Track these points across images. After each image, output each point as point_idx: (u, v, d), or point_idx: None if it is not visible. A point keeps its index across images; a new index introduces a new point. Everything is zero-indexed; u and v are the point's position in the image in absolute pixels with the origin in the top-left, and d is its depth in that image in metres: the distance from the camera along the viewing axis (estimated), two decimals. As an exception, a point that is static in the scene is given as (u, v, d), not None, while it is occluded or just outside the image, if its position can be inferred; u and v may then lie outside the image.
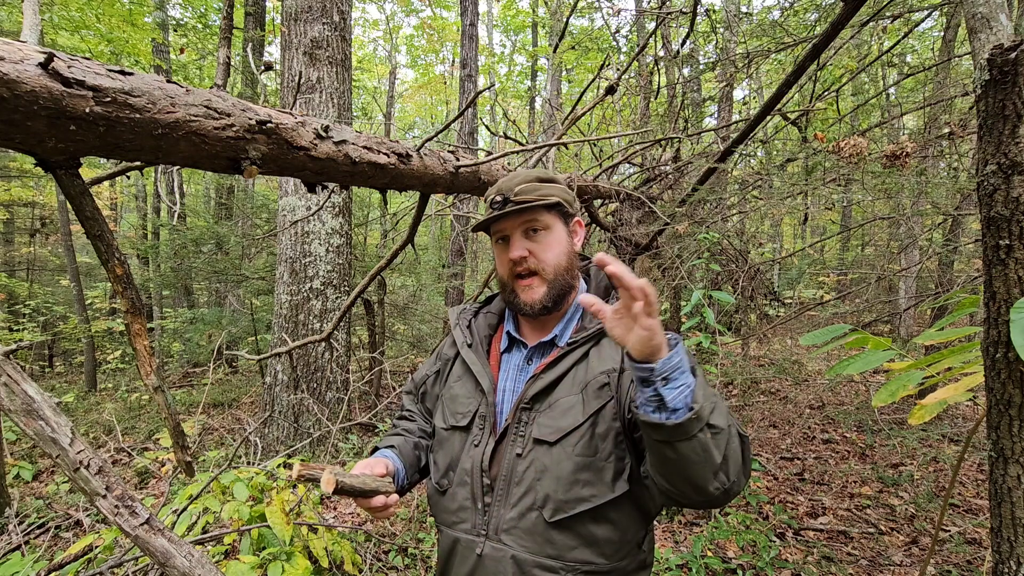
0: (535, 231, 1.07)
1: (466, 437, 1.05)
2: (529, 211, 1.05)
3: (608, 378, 0.97)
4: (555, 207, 1.07)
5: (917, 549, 2.88)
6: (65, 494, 3.89)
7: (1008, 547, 0.96)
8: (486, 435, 1.03)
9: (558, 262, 1.06)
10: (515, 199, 1.04)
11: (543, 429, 0.97)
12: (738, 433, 0.85)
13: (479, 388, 1.07)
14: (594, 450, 0.95)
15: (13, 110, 0.80)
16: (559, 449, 0.96)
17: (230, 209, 8.62)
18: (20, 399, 0.89)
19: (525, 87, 15.84)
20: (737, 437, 0.84)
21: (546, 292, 1.05)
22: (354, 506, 3.44)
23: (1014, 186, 0.92)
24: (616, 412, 0.96)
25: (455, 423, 1.07)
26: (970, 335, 1.32)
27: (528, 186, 1.06)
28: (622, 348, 0.95)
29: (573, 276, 1.10)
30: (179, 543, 1.00)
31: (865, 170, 2.70)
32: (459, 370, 1.13)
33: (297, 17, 4.31)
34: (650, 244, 3.50)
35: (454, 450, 1.06)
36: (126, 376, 8.75)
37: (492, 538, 0.98)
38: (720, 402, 0.83)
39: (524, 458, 0.98)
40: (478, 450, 1.02)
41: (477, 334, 1.16)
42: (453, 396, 1.11)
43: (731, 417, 0.84)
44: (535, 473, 0.96)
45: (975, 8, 1.43)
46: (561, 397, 0.99)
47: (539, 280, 1.06)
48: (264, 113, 1.15)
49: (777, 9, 4.42)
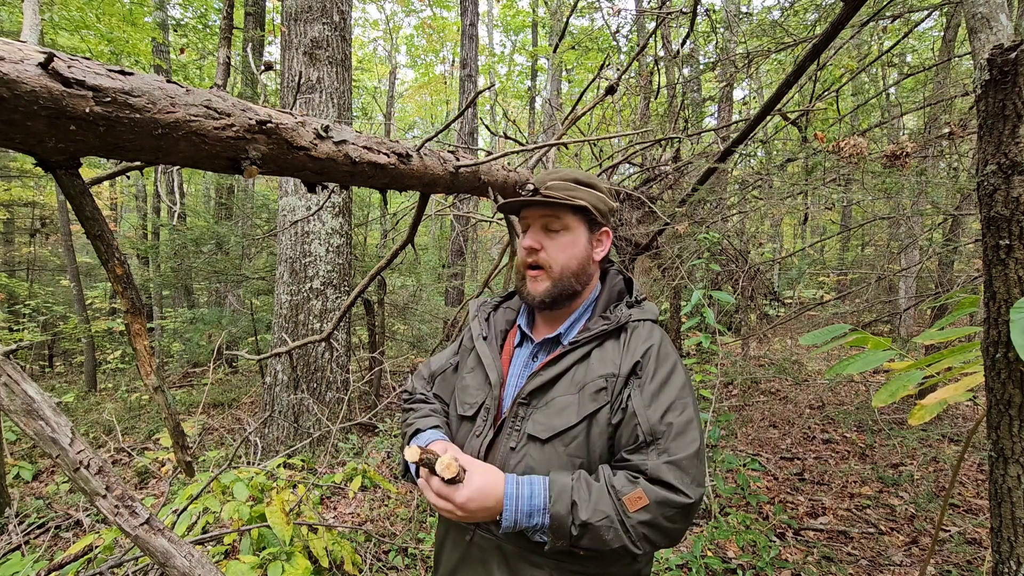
0: (554, 229, 1.08)
1: (471, 427, 1.07)
2: (553, 207, 1.07)
3: (606, 382, 0.98)
4: (581, 210, 1.08)
5: (917, 549, 2.87)
6: (65, 494, 3.89)
7: (1008, 547, 0.96)
8: (487, 427, 1.05)
9: (567, 264, 1.07)
10: (544, 192, 1.07)
11: (537, 426, 0.99)
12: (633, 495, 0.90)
13: (487, 381, 1.09)
14: (587, 452, 0.97)
15: (13, 110, 0.80)
16: (550, 448, 0.97)
17: (230, 209, 8.61)
18: (20, 399, 0.89)
19: (525, 87, 15.84)
20: (626, 506, 0.90)
21: (548, 288, 1.07)
22: (354, 506, 3.43)
23: (1014, 186, 0.92)
24: (610, 418, 0.97)
25: (462, 413, 1.10)
26: (970, 335, 1.32)
27: (561, 183, 1.08)
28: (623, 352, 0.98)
29: (582, 281, 1.10)
30: (179, 543, 1.00)
31: (865, 170, 2.70)
32: (472, 362, 1.15)
33: (297, 17, 4.31)
34: (650, 244, 3.50)
35: (460, 439, 1.09)
36: (126, 376, 8.75)
37: (481, 526, 1.01)
38: (585, 496, 0.90)
39: (517, 452, 1.00)
40: (478, 440, 1.04)
41: (494, 327, 1.18)
42: (464, 387, 1.13)
43: (608, 496, 0.90)
44: (525, 469, 0.98)
45: (975, 8, 1.43)
46: (558, 396, 1.00)
47: (544, 275, 1.07)
48: (264, 113, 1.15)
49: (777, 9, 4.42)
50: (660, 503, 0.89)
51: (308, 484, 2.68)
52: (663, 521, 0.89)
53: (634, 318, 1.05)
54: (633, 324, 1.05)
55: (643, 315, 1.07)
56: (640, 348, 1.00)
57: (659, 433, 0.93)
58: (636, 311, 1.07)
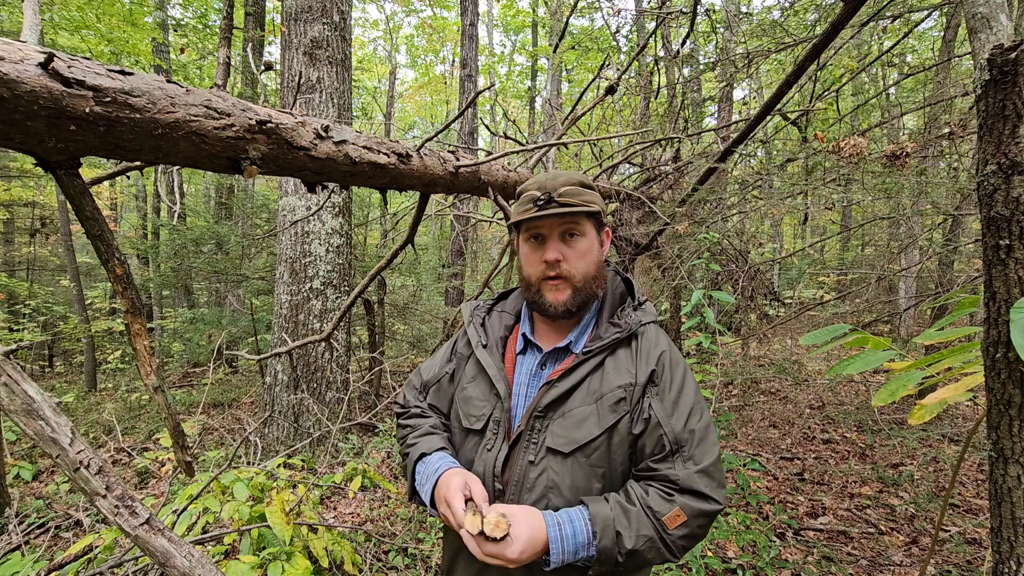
0: (572, 236, 1.05)
1: (480, 440, 1.04)
2: (571, 215, 1.04)
3: (625, 392, 0.98)
4: (593, 215, 1.07)
5: (917, 549, 2.87)
6: (65, 494, 3.89)
7: (1008, 547, 0.96)
8: (500, 440, 1.02)
9: (588, 270, 1.06)
10: (559, 200, 1.02)
11: (557, 439, 0.97)
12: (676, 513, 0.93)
13: (494, 392, 1.05)
14: (609, 461, 0.98)
15: (13, 110, 0.80)
16: (572, 460, 0.97)
17: (230, 209, 8.61)
18: (20, 399, 0.89)
19: (525, 87, 15.84)
20: (667, 523, 0.92)
21: (571, 296, 1.04)
22: (354, 506, 3.44)
23: (1014, 186, 0.92)
24: (631, 427, 0.98)
25: (469, 426, 1.06)
26: (970, 335, 1.32)
27: (572, 189, 1.04)
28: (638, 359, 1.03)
29: (601, 285, 1.10)
30: (179, 543, 1.00)
31: (865, 170, 2.70)
32: (473, 370, 1.11)
33: (297, 17, 4.31)
34: (650, 244, 3.50)
35: (467, 452, 1.06)
36: (126, 376, 8.75)
37: None
38: (625, 523, 0.91)
39: (536, 465, 0.98)
40: (491, 454, 1.01)
41: (492, 334, 1.14)
42: (467, 398, 1.09)
43: (647, 519, 0.92)
44: (547, 482, 0.96)
45: (975, 8, 1.43)
46: (575, 407, 0.98)
47: (566, 284, 1.05)
48: (264, 113, 1.15)
49: (777, 9, 4.42)
50: (696, 515, 0.93)
51: (308, 484, 2.68)
52: (699, 530, 0.94)
53: (643, 322, 1.06)
54: (642, 329, 1.05)
55: (648, 318, 1.07)
56: (654, 355, 1.01)
57: (684, 441, 0.96)
58: (641, 314, 1.07)
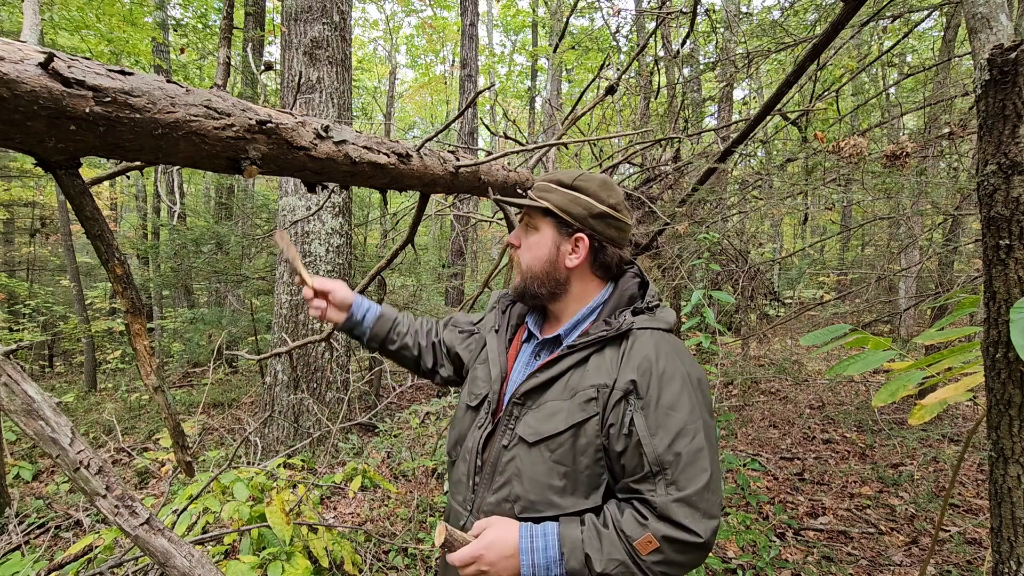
0: (527, 228, 1.12)
1: (474, 417, 1.10)
2: (521, 207, 1.11)
3: (597, 393, 0.94)
4: (549, 213, 1.07)
5: (917, 549, 2.87)
6: (65, 494, 3.89)
7: (1008, 547, 0.96)
8: (487, 420, 1.07)
9: (530, 265, 1.09)
10: (533, 193, 1.10)
11: (526, 428, 0.99)
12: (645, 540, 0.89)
13: (491, 373, 1.11)
14: (573, 460, 0.95)
15: (13, 110, 0.80)
16: (536, 452, 0.97)
17: (230, 209, 8.61)
18: (20, 399, 0.89)
19: (525, 87, 15.84)
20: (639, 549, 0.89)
21: (517, 284, 1.12)
22: (354, 506, 3.44)
23: (1014, 186, 0.92)
24: (599, 429, 0.94)
25: (468, 403, 1.13)
26: (970, 335, 1.32)
27: (542, 184, 1.10)
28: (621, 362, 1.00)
29: (548, 286, 1.09)
30: (179, 543, 1.00)
31: (865, 170, 2.70)
32: (484, 354, 1.18)
33: (297, 17, 4.31)
34: (650, 244, 3.50)
35: (464, 427, 1.12)
36: (126, 376, 8.75)
37: (475, 515, 1.04)
38: (597, 545, 0.89)
39: (509, 450, 1.01)
40: (479, 432, 1.07)
41: (508, 321, 1.20)
42: (474, 378, 1.16)
43: (620, 542, 0.89)
44: (514, 469, 0.99)
45: (975, 8, 1.43)
46: (550, 400, 0.99)
47: (517, 270, 1.12)
48: (264, 113, 1.15)
49: (777, 9, 4.43)
50: (670, 541, 0.87)
51: (308, 484, 2.68)
52: (676, 556, 0.88)
53: (637, 326, 0.98)
54: (637, 332, 0.98)
55: (650, 323, 0.99)
56: (639, 362, 0.93)
57: (666, 464, 0.89)
58: (643, 318, 1.00)
